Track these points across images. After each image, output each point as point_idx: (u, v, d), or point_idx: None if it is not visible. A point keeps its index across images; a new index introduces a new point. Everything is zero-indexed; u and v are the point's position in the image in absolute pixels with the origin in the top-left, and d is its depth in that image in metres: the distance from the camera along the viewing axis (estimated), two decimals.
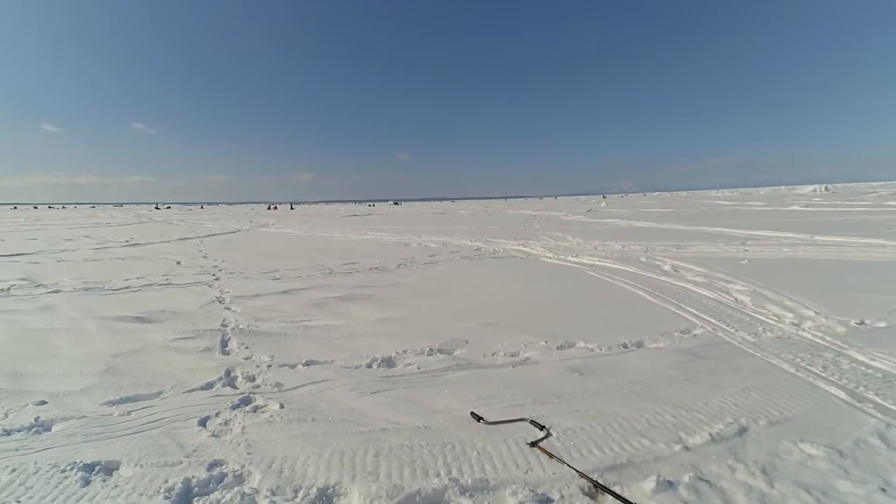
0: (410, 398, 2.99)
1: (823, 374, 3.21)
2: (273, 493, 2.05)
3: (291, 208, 62.25)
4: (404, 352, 3.80)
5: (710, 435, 2.46)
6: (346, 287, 6.45)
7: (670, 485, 2.08)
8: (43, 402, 2.96)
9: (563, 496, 2.04)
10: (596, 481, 2.11)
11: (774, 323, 4.40)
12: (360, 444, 2.44)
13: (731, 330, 4.23)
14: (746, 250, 8.96)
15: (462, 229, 16.90)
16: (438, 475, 2.17)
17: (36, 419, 2.75)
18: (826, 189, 61.38)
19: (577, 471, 2.18)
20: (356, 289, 6.32)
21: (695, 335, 4.14)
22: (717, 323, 4.44)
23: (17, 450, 2.45)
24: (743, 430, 2.51)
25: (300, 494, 2.04)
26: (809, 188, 66.48)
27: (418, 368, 3.49)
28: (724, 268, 7.04)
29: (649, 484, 2.07)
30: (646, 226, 15.92)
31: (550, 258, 9.04)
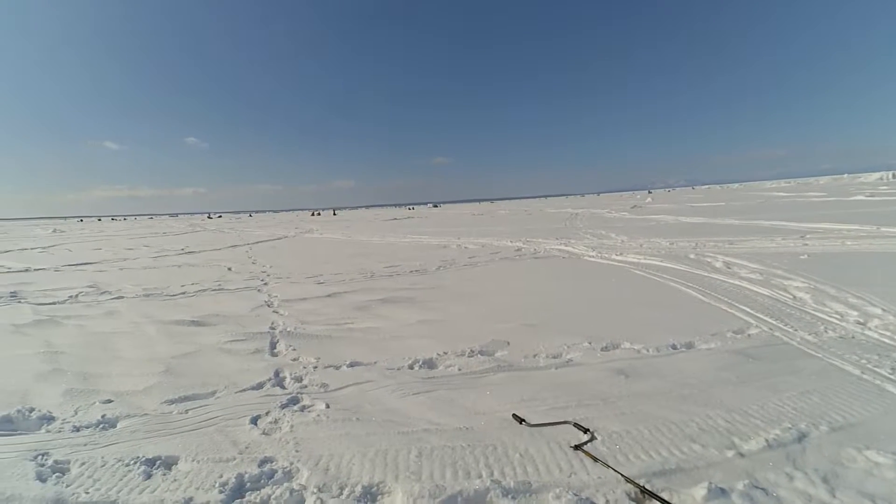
0: (452, 399, 3.00)
1: (892, 377, 3.00)
2: (320, 490, 2.12)
3: (334, 214, 63.76)
4: (445, 353, 3.83)
5: (767, 441, 2.35)
6: (387, 290, 6.55)
7: (723, 492, 1.99)
8: (109, 401, 3.18)
9: (608, 501, 2.00)
10: (643, 487, 2.05)
11: (837, 322, 4.14)
12: (402, 444, 2.48)
13: (790, 329, 4.01)
14: (806, 244, 8.46)
15: (502, 230, 16.80)
16: (480, 476, 2.17)
17: (103, 416, 2.94)
18: (894, 177, 57.13)
19: (622, 475, 2.13)
20: (397, 291, 6.41)
21: (749, 335, 3.96)
22: (774, 322, 4.22)
23: (85, 444, 2.64)
24: (802, 436, 2.38)
25: (345, 492, 2.10)
26: (875, 176, 62.05)
27: (459, 370, 3.51)
28: (781, 263, 6.68)
29: (700, 491, 2.00)
30: (695, 221, 15.30)
31: (593, 257, 8.86)
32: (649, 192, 73.14)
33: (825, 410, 2.63)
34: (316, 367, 3.67)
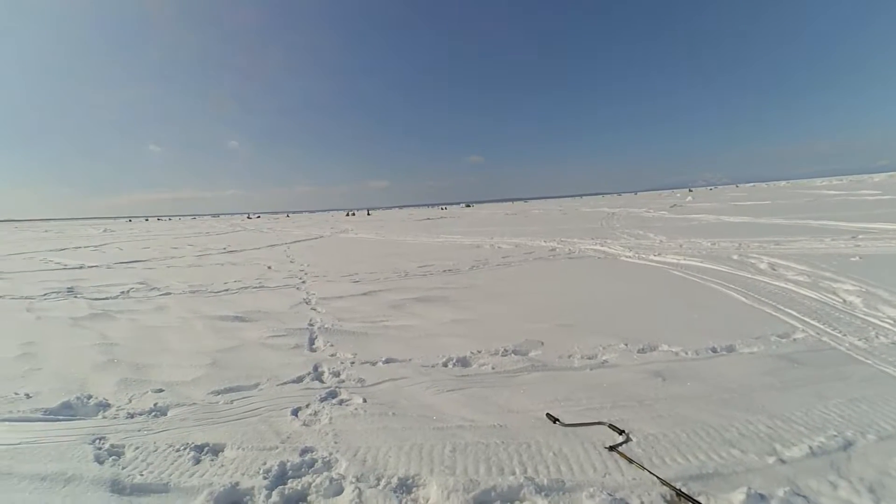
0: (486, 397, 3.03)
1: None
2: (358, 480, 2.19)
3: (368, 214, 64.61)
4: (479, 352, 3.86)
5: (810, 448, 2.28)
6: (421, 289, 6.63)
7: (762, 498, 1.95)
8: (160, 391, 3.36)
9: (642, 502, 1.99)
10: (679, 490, 2.03)
11: (890, 327, 3.95)
12: (437, 439, 2.53)
13: (838, 334, 3.85)
14: (858, 245, 8.04)
15: (535, 230, 16.65)
16: (514, 473, 2.19)
17: (155, 405, 3.12)
18: None
19: (658, 477, 2.12)
20: (431, 290, 6.48)
21: (795, 340, 3.82)
22: (822, 326, 4.06)
23: (139, 430, 2.81)
24: (848, 444, 2.30)
25: (382, 482, 2.17)
26: None
27: (493, 369, 3.54)
28: (830, 265, 6.39)
29: (739, 496, 1.96)
30: (738, 220, 14.74)
31: (630, 257, 8.69)
32: (690, 191, 70.87)
33: (873, 419, 2.53)
34: (353, 363, 3.77)
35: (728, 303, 5.04)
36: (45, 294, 7.38)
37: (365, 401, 3.05)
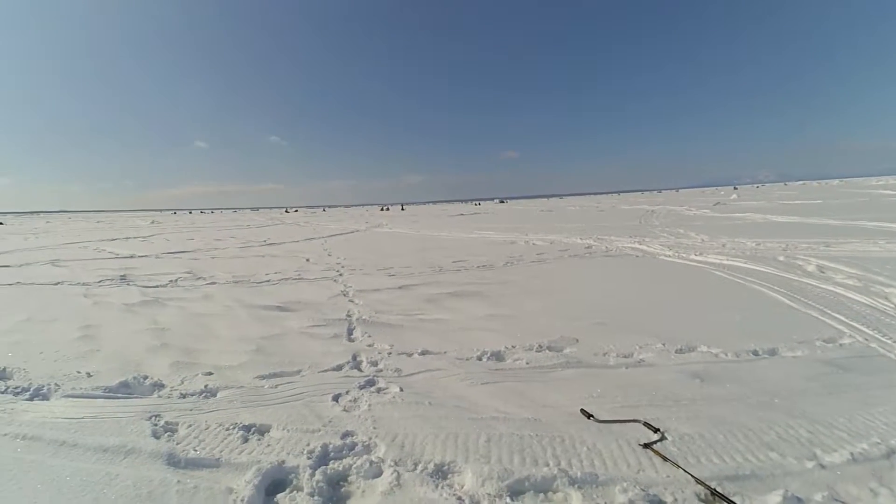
0: (520, 391, 3.08)
1: None
2: (396, 464, 2.29)
3: (402, 209, 65.06)
4: (513, 347, 3.90)
5: (851, 454, 2.23)
6: (455, 284, 6.70)
7: (799, 501, 1.93)
8: (209, 373, 3.56)
9: (676, 500, 2.01)
10: (714, 489, 2.03)
11: None
12: (472, 429, 2.60)
13: (888, 341, 3.70)
14: None
15: (571, 227, 16.44)
16: (548, 465, 2.24)
17: (205, 386, 3.31)
18: None
19: (693, 476, 2.12)
20: (465, 286, 6.54)
21: (841, 345, 3.70)
22: (871, 332, 3.91)
23: (191, 410, 2.99)
24: (892, 453, 2.23)
25: (419, 467, 2.25)
26: None
27: (527, 364, 3.57)
28: (883, 269, 6.09)
29: (775, 498, 1.95)
30: (786, 220, 14.17)
31: (670, 256, 8.52)
32: (735, 188, 68.28)
33: None
34: (390, 354, 3.88)
35: (772, 305, 4.90)
36: (99, 281, 7.84)
37: (402, 390, 3.15)
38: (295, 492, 2.16)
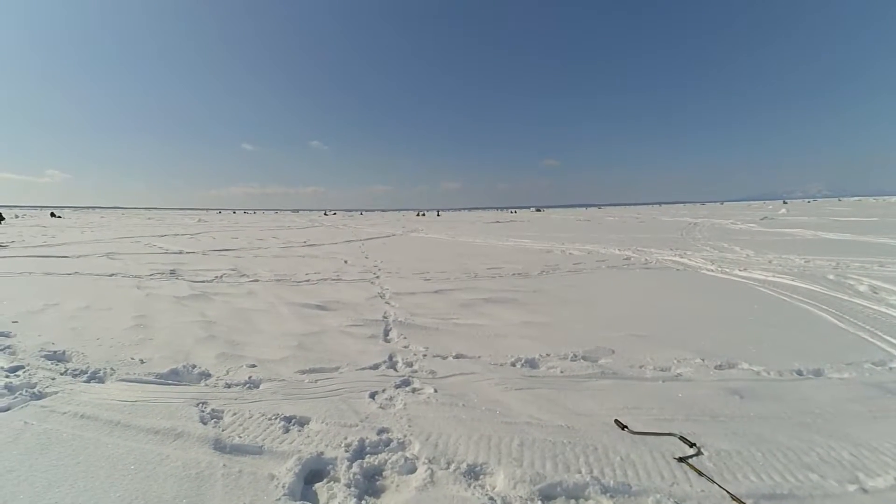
0: (553, 399, 3.09)
1: None
2: (430, 462, 2.35)
3: (438, 215, 65.41)
4: (547, 355, 3.90)
5: None
6: (490, 290, 6.73)
7: None
8: (253, 366, 3.72)
9: None
10: None
11: None
12: (505, 433, 2.63)
13: None
14: None
15: (609, 237, 16.16)
16: (580, 472, 2.25)
17: (249, 378, 3.47)
18: None
19: (729, 493, 2.09)
20: (500, 292, 6.56)
21: (891, 368, 3.54)
22: None
23: (236, 399, 3.13)
24: None
25: (452, 466, 2.30)
26: None
27: (561, 372, 3.57)
28: None
29: None
30: (838, 238, 13.51)
31: (712, 271, 8.28)
32: (784, 203, 65.45)
33: None
34: (425, 356, 3.95)
35: (819, 324, 4.72)
36: (151, 274, 8.27)
37: (436, 391, 3.21)
38: (332, 482, 2.24)
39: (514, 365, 3.72)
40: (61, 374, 3.55)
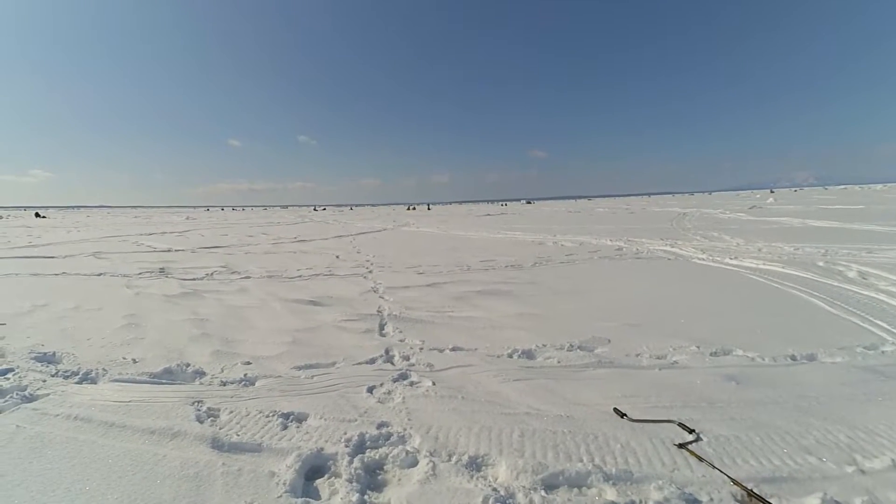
0: (552, 389, 3.09)
1: None
2: (431, 455, 2.34)
3: (428, 209, 65.10)
4: (544, 346, 3.91)
5: (893, 461, 2.17)
6: (483, 283, 6.72)
7: None
8: (248, 363, 3.68)
9: (711, 499, 2.00)
10: (751, 490, 2.02)
11: None
12: (505, 424, 2.63)
13: None
14: None
15: (600, 228, 16.22)
16: (581, 461, 2.25)
17: (244, 375, 3.43)
18: None
19: (729, 477, 2.11)
20: (494, 285, 6.56)
21: (883, 352, 3.59)
22: None
23: (231, 397, 3.10)
24: None
25: (454, 458, 2.30)
26: None
27: (558, 362, 3.58)
28: None
29: (813, 501, 1.93)
30: (826, 225, 13.68)
31: (703, 259, 8.35)
32: (771, 192, 66.11)
33: None
34: (421, 349, 3.94)
35: (810, 310, 4.77)
36: (140, 273, 8.16)
37: (434, 384, 3.20)
38: (334, 478, 2.23)
39: (510, 356, 3.73)
40: (52, 375, 3.48)
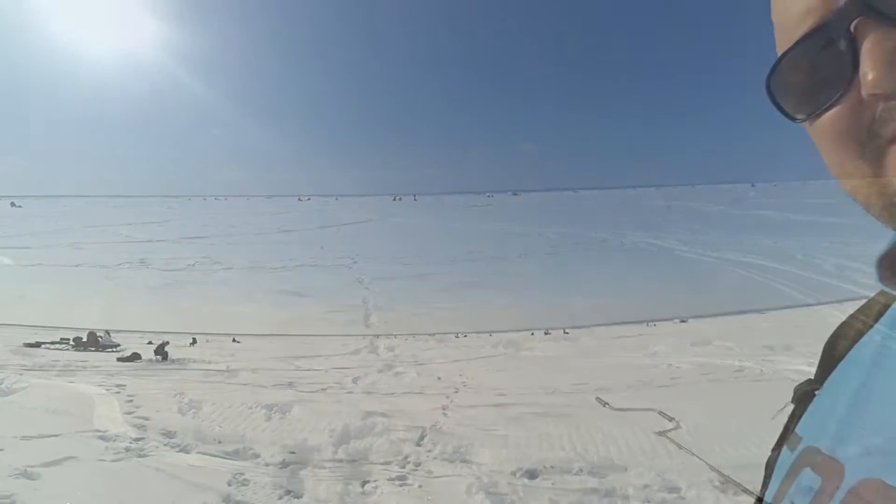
0: (535, 377, 3.12)
1: None
2: (416, 444, 2.36)
3: (415, 199, 64.81)
4: (532, 335, 3.94)
5: None
6: (470, 274, 6.73)
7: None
8: (232, 354, 3.65)
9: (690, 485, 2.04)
10: (728, 476, 2.07)
11: None
12: (492, 414, 2.65)
13: None
14: None
15: (587, 220, 16.37)
16: (563, 449, 2.28)
17: (227, 367, 3.40)
18: None
19: (707, 464, 2.15)
20: (479, 276, 6.57)
21: None
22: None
23: (213, 388, 3.07)
24: None
25: (438, 448, 2.32)
26: None
27: (543, 353, 3.60)
28: None
29: None
30: (804, 219, 13.87)
31: (685, 252, 8.48)
32: (752, 186, 66.95)
33: None
34: (406, 339, 3.94)
35: (788, 300, 4.87)
36: (119, 264, 7.97)
37: (419, 375, 3.21)
38: (317, 469, 2.23)
39: (495, 347, 3.74)
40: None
